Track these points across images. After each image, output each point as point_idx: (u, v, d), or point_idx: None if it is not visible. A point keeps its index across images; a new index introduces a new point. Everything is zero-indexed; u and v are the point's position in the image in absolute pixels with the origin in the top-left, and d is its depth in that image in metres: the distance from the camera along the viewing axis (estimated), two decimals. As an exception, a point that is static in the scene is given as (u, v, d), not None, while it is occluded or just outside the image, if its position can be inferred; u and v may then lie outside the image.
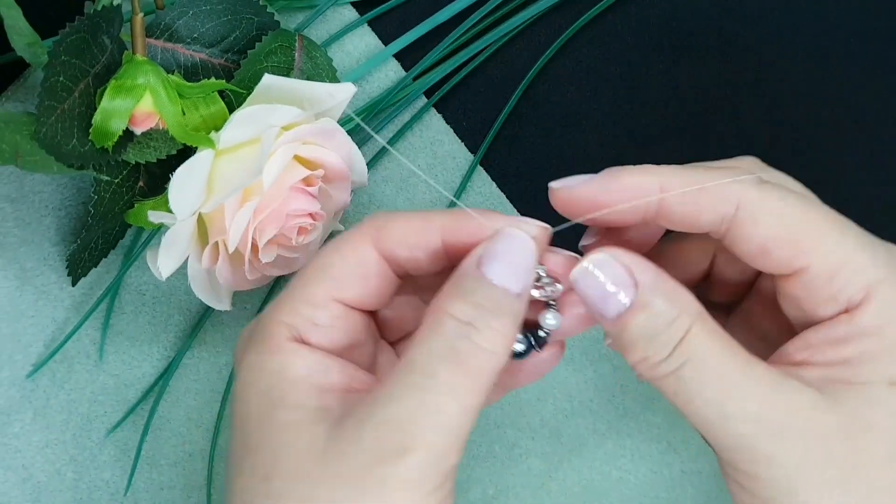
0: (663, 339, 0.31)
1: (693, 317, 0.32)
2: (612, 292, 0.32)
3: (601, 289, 0.32)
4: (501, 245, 0.32)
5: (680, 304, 0.32)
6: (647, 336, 0.32)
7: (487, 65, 0.49)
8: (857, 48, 0.49)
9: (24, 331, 0.47)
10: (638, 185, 0.33)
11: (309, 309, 0.33)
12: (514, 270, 0.32)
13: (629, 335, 0.32)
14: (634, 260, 0.32)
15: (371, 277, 0.34)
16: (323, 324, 0.33)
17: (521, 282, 0.32)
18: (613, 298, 0.32)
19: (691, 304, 0.32)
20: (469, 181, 0.48)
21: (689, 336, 0.31)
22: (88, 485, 0.46)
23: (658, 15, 0.50)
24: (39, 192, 0.47)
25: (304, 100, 0.40)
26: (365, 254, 0.33)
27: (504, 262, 0.32)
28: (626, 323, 0.32)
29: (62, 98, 0.38)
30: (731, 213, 0.32)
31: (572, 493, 0.46)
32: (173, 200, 0.38)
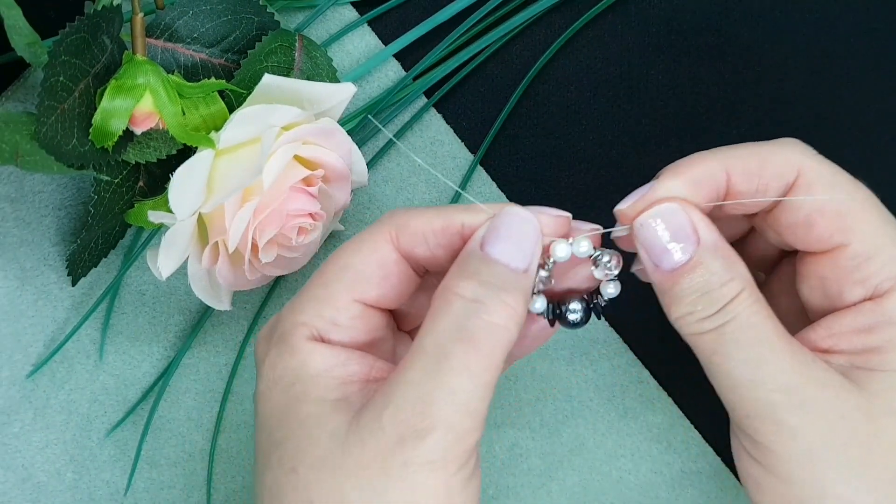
0: (714, 295, 0.32)
1: (744, 283, 0.32)
2: (674, 244, 0.33)
3: (665, 237, 0.33)
4: (503, 224, 0.33)
5: (735, 269, 0.32)
6: (699, 291, 0.32)
7: (487, 65, 0.49)
8: (857, 48, 0.49)
9: (24, 331, 0.47)
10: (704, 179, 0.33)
11: (330, 311, 0.33)
12: (517, 247, 0.32)
13: (680, 288, 0.32)
14: (700, 217, 0.33)
15: (392, 277, 0.34)
16: (343, 324, 0.33)
17: (526, 258, 0.32)
18: (674, 250, 0.32)
19: (744, 271, 0.33)
20: (469, 181, 0.48)
21: (738, 297, 0.32)
22: (88, 485, 0.46)
23: (658, 15, 0.50)
24: (39, 192, 0.47)
25: (304, 100, 0.40)
26: (385, 254, 0.34)
27: (506, 240, 0.32)
28: (681, 277, 0.32)
29: (62, 98, 0.38)
30: (792, 180, 0.33)
31: (572, 493, 0.46)
32: (173, 200, 0.38)
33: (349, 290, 0.33)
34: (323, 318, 0.33)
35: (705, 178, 0.33)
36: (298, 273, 0.45)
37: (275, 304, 0.47)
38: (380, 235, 0.34)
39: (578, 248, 0.34)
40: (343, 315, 0.33)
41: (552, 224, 0.33)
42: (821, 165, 0.34)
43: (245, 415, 0.47)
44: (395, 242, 0.34)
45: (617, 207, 0.34)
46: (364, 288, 0.33)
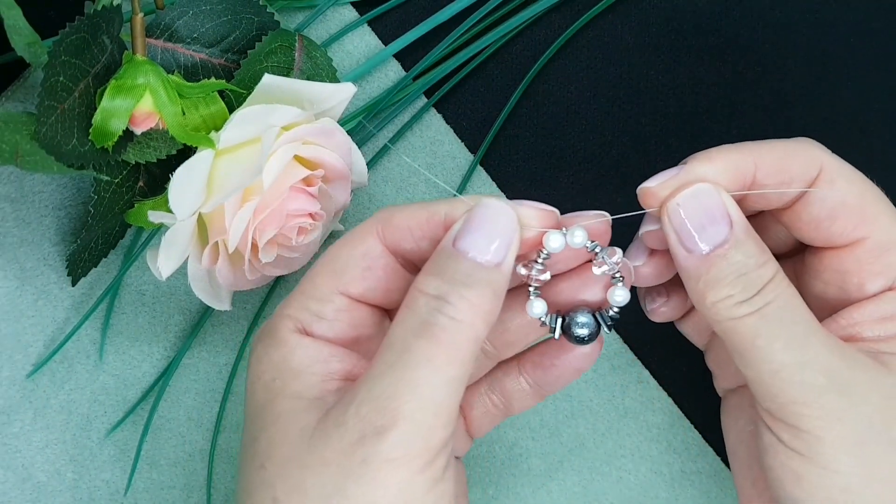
0: (752, 277, 0.32)
1: (777, 265, 0.33)
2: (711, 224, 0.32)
3: (700, 219, 0.32)
4: (475, 216, 0.32)
5: (767, 251, 0.33)
6: (737, 273, 0.32)
7: (487, 65, 0.49)
8: (857, 48, 0.49)
9: (24, 331, 0.47)
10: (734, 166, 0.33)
11: (315, 303, 0.33)
12: (486, 239, 0.31)
13: (717, 271, 0.32)
14: (730, 200, 0.33)
15: (376, 270, 0.34)
16: (328, 317, 0.33)
17: (498, 251, 0.32)
18: (711, 231, 0.32)
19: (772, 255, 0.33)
20: (469, 181, 0.48)
21: (776, 279, 0.32)
22: (88, 485, 0.46)
23: (658, 15, 0.50)
24: (39, 192, 0.47)
25: (304, 100, 0.40)
26: (369, 246, 0.34)
27: (477, 233, 0.32)
28: (718, 259, 0.32)
29: (62, 98, 0.38)
30: (815, 175, 0.33)
31: (572, 493, 0.46)
32: (173, 200, 0.38)
33: (332, 281, 0.33)
34: (308, 311, 0.33)
35: (736, 166, 0.33)
36: (298, 273, 0.45)
37: (275, 304, 0.47)
38: (366, 230, 0.34)
39: (573, 239, 0.32)
40: (327, 307, 0.33)
41: (535, 217, 0.33)
42: (839, 162, 0.34)
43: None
44: (380, 236, 0.34)
45: (643, 185, 0.34)
46: (347, 279, 0.33)
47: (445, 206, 0.33)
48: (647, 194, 0.34)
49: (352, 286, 0.34)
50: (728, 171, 0.33)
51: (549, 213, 0.33)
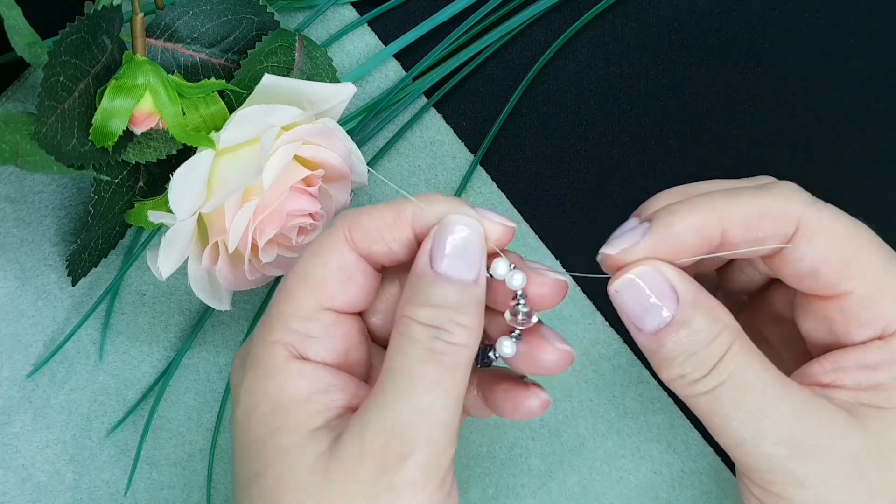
0: (702, 356, 0.31)
1: (733, 334, 0.31)
2: (653, 306, 0.31)
3: (642, 302, 0.32)
4: (449, 236, 0.32)
5: (720, 322, 0.31)
6: (686, 353, 0.31)
7: (487, 65, 0.49)
8: (857, 48, 0.49)
9: (24, 331, 0.47)
10: (699, 231, 0.32)
11: (301, 323, 0.33)
12: (465, 260, 0.32)
13: (667, 351, 0.31)
14: (676, 274, 0.32)
15: (356, 278, 0.33)
16: (318, 335, 0.33)
17: (475, 268, 0.32)
18: (654, 312, 0.31)
19: (730, 321, 0.32)
20: (469, 181, 0.48)
21: (728, 354, 0.31)
22: (88, 485, 0.46)
23: (658, 15, 0.50)
24: (39, 192, 0.47)
25: (304, 100, 0.40)
26: (344, 256, 0.33)
27: (453, 254, 0.32)
28: (665, 339, 0.31)
29: (62, 98, 0.38)
30: (791, 234, 0.32)
31: (572, 493, 0.46)
32: (173, 200, 0.38)
33: (315, 297, 0.33)
34: (296, 333, 0.33)
35: (699, 231, 0.32)
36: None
37: (275, 304, 0.47)
38: (335, 238, 0.33)
39: (511, 280, 0.33)
40: (315, 326, 0.33)
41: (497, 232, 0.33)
42: (821, 213, 0.32)
43: (245, 415, 0.47)
44: (351, 243, 0.33)
45: (603, 250, 0.33)
46: (329, 293, 0.33)
47: (408, 205, 0.33)
48: (606, 261, 0.33)
49: (335, 300, 0.33)
50: (689, 237, 0.32)
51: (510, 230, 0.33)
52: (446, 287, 0.32)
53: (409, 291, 0.32)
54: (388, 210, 0.33)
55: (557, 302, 0.33)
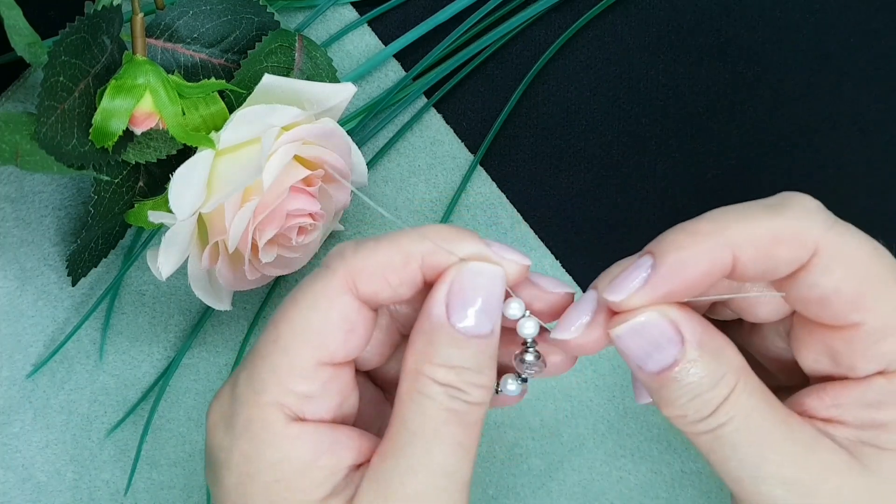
0: (706, 398, 0.30)
1: (737, 375, 0.30)
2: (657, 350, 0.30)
3: (645, 346, 0.30)
4: (468, 286, 0.30)
5: (726, 362, 0.30)
6: (690, 395, 0.30)
7: (487, 65, 0.49)
8: (857, 48, 0.49)
9: (24, 331, 0.47)
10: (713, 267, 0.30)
11: (298, 382, 0.30)
12: (484, 312, 0.30)
13: (669, 391, 0.30)
14: (682, 315, 0.30)
15: (357, 329, 0.31)
16: (316, 395, 0.31)
17: (493, 320, 0.30)
18: (658, 355, 0.30)
19: (736, 360, 0.30)
20: (469, 181, 0.48)
21: (732, 395, 0.30)
22: (88, 485, 0.46)
23: (658, 15, 0.50)
24: (39, 192, 0.47)
25: (304, 100, 0.40)
26: (346, 307, 0.30)
27: (473, 307, 0.30)
28: (668, 380, 0.30)
29: (62, 98, 0.38)
30: (807, 259, 0.30)
31: (572, 493, 0.46)
32: (173, 200, 0.38)
33: (314, 354, 0.30)
34: (293, 394, 0.30)
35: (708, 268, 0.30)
36: (298, 273, 0.45)
37: (275, 304, 0.47)
38: (335, 286, 0.30)
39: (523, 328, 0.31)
40: (313, 385, 0.30)
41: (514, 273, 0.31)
42: (842, 238, 0.30)
43: (245, 415, 0.47)
44: (353, 291, 0.30)
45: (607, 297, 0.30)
46: (330, 349, 0.30)
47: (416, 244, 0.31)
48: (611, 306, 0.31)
49: (336, 355, 0.31)
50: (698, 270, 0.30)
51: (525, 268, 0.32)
52: (465, 345, 0.30)
53: (424, 345, 0.30)
54: (394, 252, 0.30)
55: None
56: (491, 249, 0.31)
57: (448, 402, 0.30)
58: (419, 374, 0.30)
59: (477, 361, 0.30)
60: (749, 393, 0.30)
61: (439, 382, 0.30)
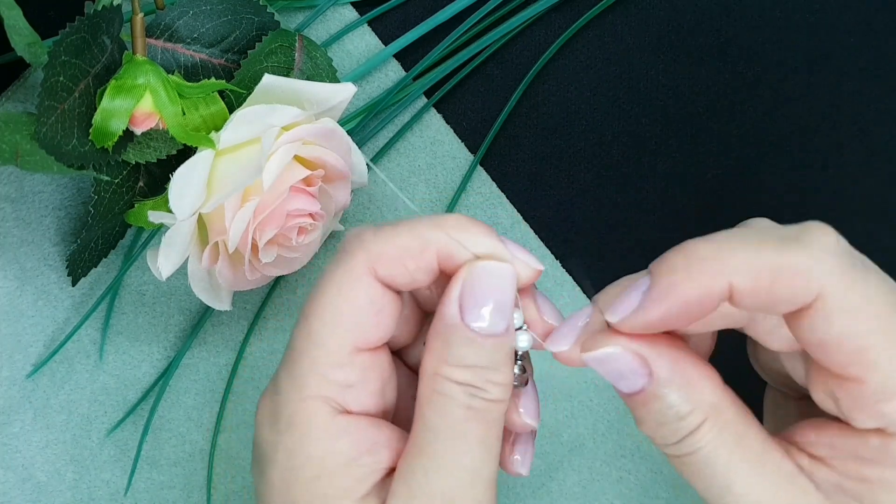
0: (671, 427, 0.30)
1: (707, 412, 0.30)
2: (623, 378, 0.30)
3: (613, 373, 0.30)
4: (481, 286, 0.31)
5: (694, 399, 0.30)
6: (656, 421, 0.30)
7: (487, 65, 0.49)
8: (857, 48, 0.49)
9: (24, 331, 0.47)
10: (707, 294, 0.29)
11: (337, 371, 0.31)
12: (497, 311, 0.31)
13: (639, 413, 0.31)
14: (652, 351, 0.30)
15: (385, 310, 0.31)
16: (356, 383, 0.31)
17: (507, 319, 0.31)
18: (626, 382, 0.30)
19: (709, 396, 0.30)
20: (469, 181, 0.48)
21: (699, 431, 0.30)
22: (88, 485, 0.46)
23: (658, 15, 0.50)
24: (39, 192, 0.47)
25: (304, 100, 0.40)
26: (371, 289, 0.31)
27: (487, 307, 0.30)
28: (638, 404, 0.30)
29: (62, 98, 0.38)
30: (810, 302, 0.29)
31: (572, 493, 0.46)
32: (173, 200, 0.38)
33: (348, 340, 0.31)
34: (334, 384, 0.31)
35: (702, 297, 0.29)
36: (298, 273, 0.45)
37: (275, 304, 0.47)
38: (357, 269, 0.31)
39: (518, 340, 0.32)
40: (353, 372, 0.31)
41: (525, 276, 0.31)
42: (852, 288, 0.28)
43: (245, 415, 0.47)
44: (373, 274, 0.31)
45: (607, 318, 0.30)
46: (364, 333, 0.31)
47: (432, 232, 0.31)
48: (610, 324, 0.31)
49: (370, 338, 0.31)
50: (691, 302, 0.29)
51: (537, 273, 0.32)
52: (481, 344, 0.30)
53: (440, 345, 0.31)
54: (411, 238, 0.31)
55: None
56: (506, 248, 0.31)
57: (468, 401, 0.30)
58: (437, 374, 0.31)
59: (493, 359, 0.31)
60: (718, 430, 0.30)
61: (457, 382, 0.30)
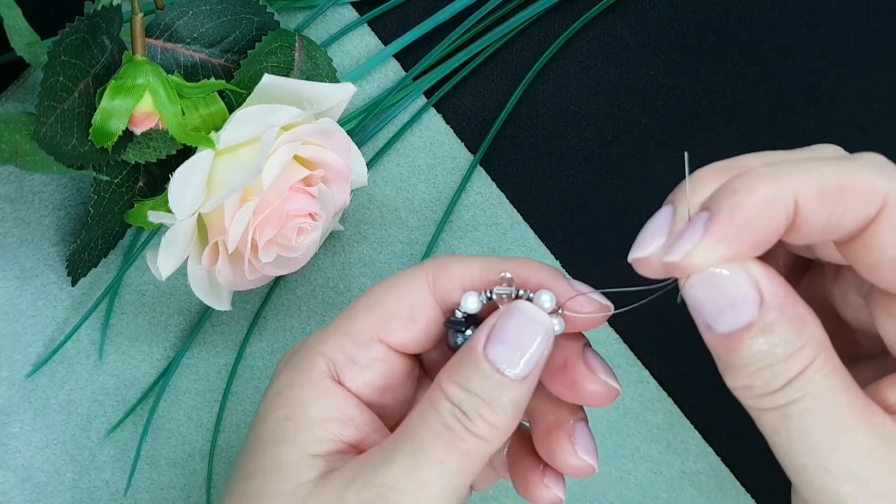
0: (777, 369, 0.27)
1: (817, 350, 0.27)
2: (731, 307, 0.27)
3: (719, 301, 0.27)
4: (512, 324, 0.30)
5: (807, 333, 0.27)
6: (760, 364, 0.27)
7: (487, 65, 0.49)
8: (857, 48, 0.49)
9: (24, 331, 0.47)
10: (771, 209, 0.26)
11: (352, 345, 0.32)
12: (520, 355, 0.30)
13: (738, 357, 0.27)
14: (763, 273, 0.27)
15: (420, 321, 0.32)
16: (361, 363, 0.32)
17: (527, 367, 0.30)
18: (731, 314, 0.27)
19: (818, 333, 0.27)
20: (469, 181, 0.48)
21: (807, 371, 0.27)
22: (88, 485, 0.46)
23: (658, 15, 0.50)
24: (39, 192, 0.47)
25: (304, 100, 0.40)
26: (419, 295, 0.32)
27: (511, 346, 0.30)
28: (739, 344, 0.27)
29: (62, 98, 0.38)
30: (874, 213, 0.27)
31: (572, 493, 0.46)
32: (173, 200, 0.38)
33: (375, 326, 0.32)
34: (343, 353, 0.32)
35: (774, 207, 0.26)
36: (298, 273, 0.45)
37: (275, 304, 0.47)
38: (418, 276, 0.32)
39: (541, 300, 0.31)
40: (363, 353, 0.32)
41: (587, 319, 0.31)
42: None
43: (245, 415, 0.47)
44: (431, 285, 0.32)
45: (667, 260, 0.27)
46: (390, 328, 0.32)
47: (505, 264, 0.32)
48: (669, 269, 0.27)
49: (393, 335, 0.32)
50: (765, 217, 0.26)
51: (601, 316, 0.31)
52: (488, 375, 0.30)
53: (454, 361, 0.31)
54: (477, 262, 0.32)
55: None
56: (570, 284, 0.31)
57: (449, 421, 0.30)
58: (437, 385, 0.31)
59: (493, 397, 0.30)
60: (827, 372, 0.27)
61: (449, 399, 0.30)
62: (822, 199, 0.27)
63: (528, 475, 0.34)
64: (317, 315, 0.47)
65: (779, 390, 0.27)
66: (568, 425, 0.33)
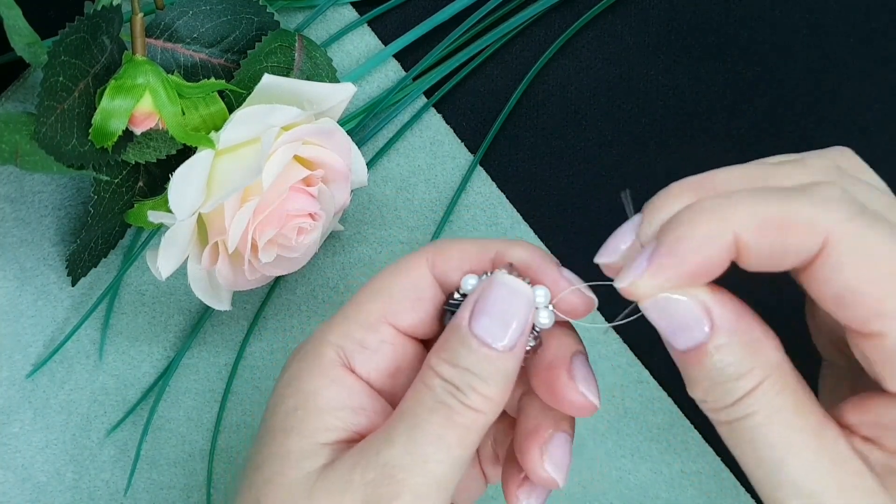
0: (729, 387, 0.28)
1: (769, 370, 0.28)
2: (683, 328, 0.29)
3: (673, 323, 0.29)
4: (492, 296, 0.31)
5: (756, 357, 0.28)
6: (713, 380, 0.29)
7: (487, 65, 0.49)
8: (857, 48, 0.49)
9: (24, 331, 0.47)
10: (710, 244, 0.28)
11: (360, 330, 0.33)
12: (503, 325, 0.31)
13: (694, 373, 0.29)
14: (713, 298, 0.29)
15: (425, 301, 0.33)
16: (371, 347, 0.33)
17: (512, 337, 0.31)
18: (685, 334, 0.29)
19: (771, 355, 0.29)
20: (469, 181, 0.48)
21: (757, 390, 0.28)
22: (88, 485, 0.46)
23: (658, 15, 0.50)
24: (39, 192, 0.47)
25: (304, 100, 0.40)
26: (420, 276, 0.33)
27: (493, 317, 0.31)
28: (695, 361, 0.29)
29: (62, 98, 0.38)
30: (816, 251, 0.28)
31: (572, 493, 0.46)
32: (173, 200, 0.38)
33: (381, 310, 0.33)
34: (352, 339, 0.32)
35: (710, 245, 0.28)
36: (298, 273, 0.45)
37: (275, 304, 0.47)
38: (416, 259, 0.33)
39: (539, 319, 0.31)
40: (372, 337, 0.33)
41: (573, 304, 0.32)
42: (861, 231, 0.27)
43: (245, 415, 0.47)
44: (430, 266, 0.33)
45: (617, 285, 0.29)
46: (396, 310, 0.33)
47: (498, 244, 0.33)
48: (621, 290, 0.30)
49: (400, 317, 0.33)
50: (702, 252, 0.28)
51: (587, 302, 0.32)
52: (475, 350, 0.30)
53: (442, 339, 0.31)
54: (473, 243, 0.33)
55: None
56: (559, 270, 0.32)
57: (443, 397, 0.30)
58: (428, 366, 0.31)
59: (483, 370, 0.30)
60: (778, 391, 0.28)
61: (441, 377, 0.31)
62: (763, 234, 0.28)
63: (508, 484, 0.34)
64: (317, 315, 0.47)
65: (731, 406, 0.28)
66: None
